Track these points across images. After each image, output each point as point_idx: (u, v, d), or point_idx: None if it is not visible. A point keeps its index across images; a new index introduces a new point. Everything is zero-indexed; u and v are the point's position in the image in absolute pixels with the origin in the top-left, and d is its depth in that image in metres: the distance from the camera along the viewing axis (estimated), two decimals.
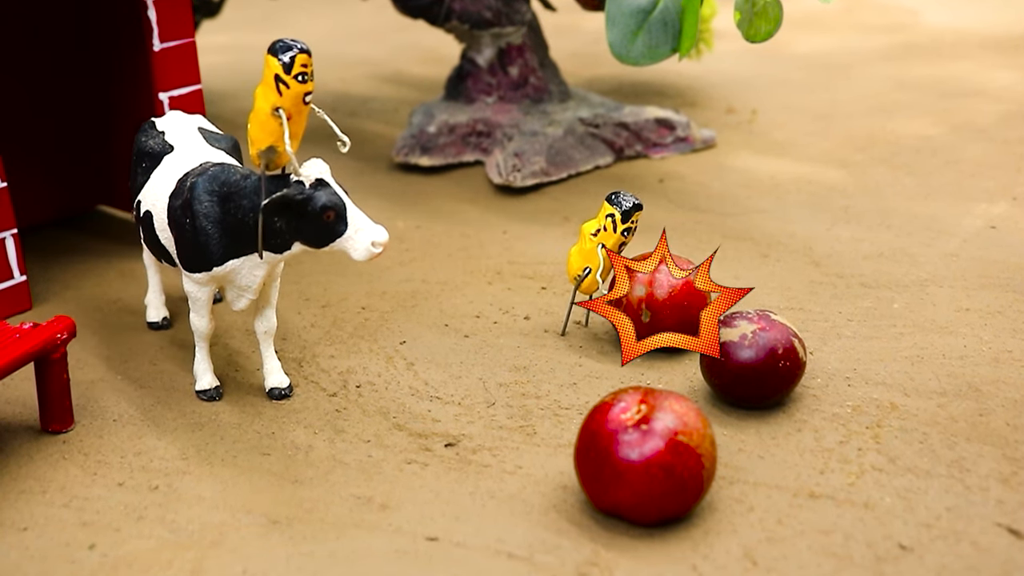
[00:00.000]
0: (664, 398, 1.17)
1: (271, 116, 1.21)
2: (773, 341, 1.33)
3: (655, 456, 1.12)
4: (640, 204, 1.49)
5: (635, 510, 1.15)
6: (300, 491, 1.26)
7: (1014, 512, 1.16)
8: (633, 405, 1.17)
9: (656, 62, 1.87)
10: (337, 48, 3.18)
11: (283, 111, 1.21)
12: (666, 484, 1.13)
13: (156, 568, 1.14)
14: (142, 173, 1.47)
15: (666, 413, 1.15)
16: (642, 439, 1.13)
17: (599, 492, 1.16)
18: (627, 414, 1.16)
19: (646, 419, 1.15)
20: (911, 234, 1.82)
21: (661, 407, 1.16)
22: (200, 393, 1.44)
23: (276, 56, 1.20)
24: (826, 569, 1.10)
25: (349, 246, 1.26)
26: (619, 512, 1.16)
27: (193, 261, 1.35)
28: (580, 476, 1.18)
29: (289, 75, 1.20)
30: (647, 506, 1.14)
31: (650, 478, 1.12)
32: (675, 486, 1.13)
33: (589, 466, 1.16)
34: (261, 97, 1.22)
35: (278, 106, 1.21)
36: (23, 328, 1.35)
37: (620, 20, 1.84)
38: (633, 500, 1.14)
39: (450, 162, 2.17)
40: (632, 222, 1.49)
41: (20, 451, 1.35)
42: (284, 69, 1.20)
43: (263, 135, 1.23)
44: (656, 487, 1.13)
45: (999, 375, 1.41)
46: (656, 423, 1.14)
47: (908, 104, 2.46)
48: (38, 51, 1.88)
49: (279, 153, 1.24)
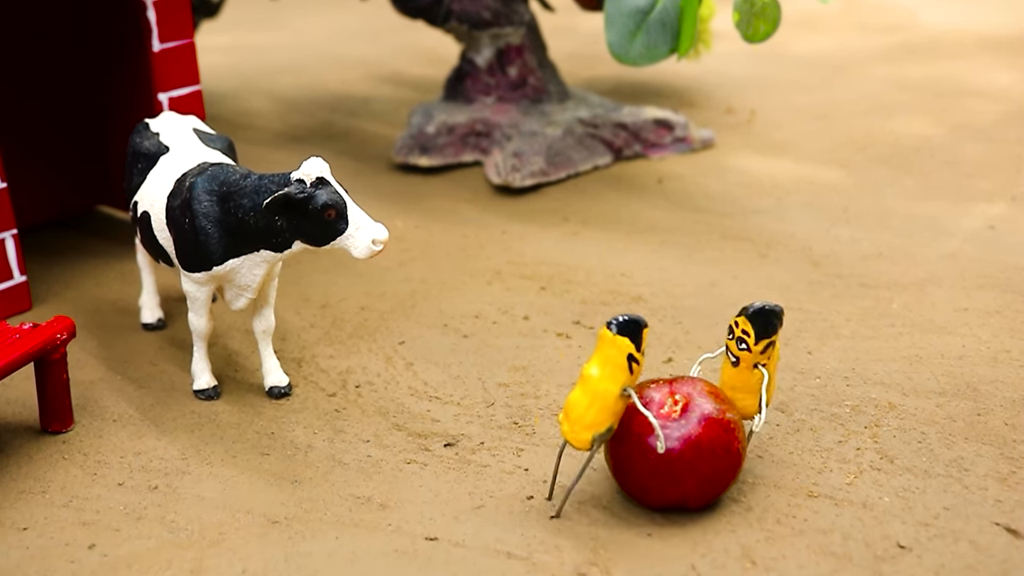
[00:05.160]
0: (687, 384, 1.18)
1: (620, 398, 1.12)
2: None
3: (715, 438, 1.14)
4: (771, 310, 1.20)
5: (702, 495, 1.16)
6: (299, 491, 1.26)
7: (1012, 511, 1.16)
8: (666, 399, 1.17)
9: (655, 62, 1.87)
10: (337, 48, 3.18)
11: (632, 390, 1.12)
12: (727, 461, 1.15)
13: (156, 568, 1.14)
14: (138, 174, 1.47)
15: (701, 396, 1.17)
16: (698, 426, 1.14)
17: (661, 488, 1.15)
18: (664, 408, 1.16)
19: (686, 408, 1.16)
20: (910, 234, 1.82)
21: (693, 393, 1.17)
22: (198, 392, 1.44)
23: (626, 335, 1.10)
24: (825, 568, 1.10)
25: (350, 244, 1.26)
26: (684, 503, 1.17)
27: (192, 261, 1.35)
28: (634, 480, 1.16)
29: (640, 351, 1.12)
30: (712, 488, 1.16)
31: (715, 459, 1.14)
32: (733, 461, 1.16)
33: (646, 466, 1.15)
34: (605, 379, 1.11)
35: (627, 386, 1.12)
36: (23, 328, 1.35)
37: (619, 20, 1.84)
38: (700, 486, 1.15)
39: (449, 162, 2.17)
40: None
41: (20, 451, 1.35)
42: (636, 347, 1.11)
43: (605, 417, 1.12)
44: (720, 466, 1.15)
45: (997, 375, 1.42)
46: (697, 408, 1.16)
47: (907, 104, 2.46)
48: (38, 52, 1.88)
49: (613, 432, 1.15)
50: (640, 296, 1.66)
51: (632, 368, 1.12)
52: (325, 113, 2.58)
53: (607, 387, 1.11)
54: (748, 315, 1.19)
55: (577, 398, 1.13)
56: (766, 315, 1.18)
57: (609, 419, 1.12)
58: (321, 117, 2.56)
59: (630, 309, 1.62)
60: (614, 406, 1.12)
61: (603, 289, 1.69)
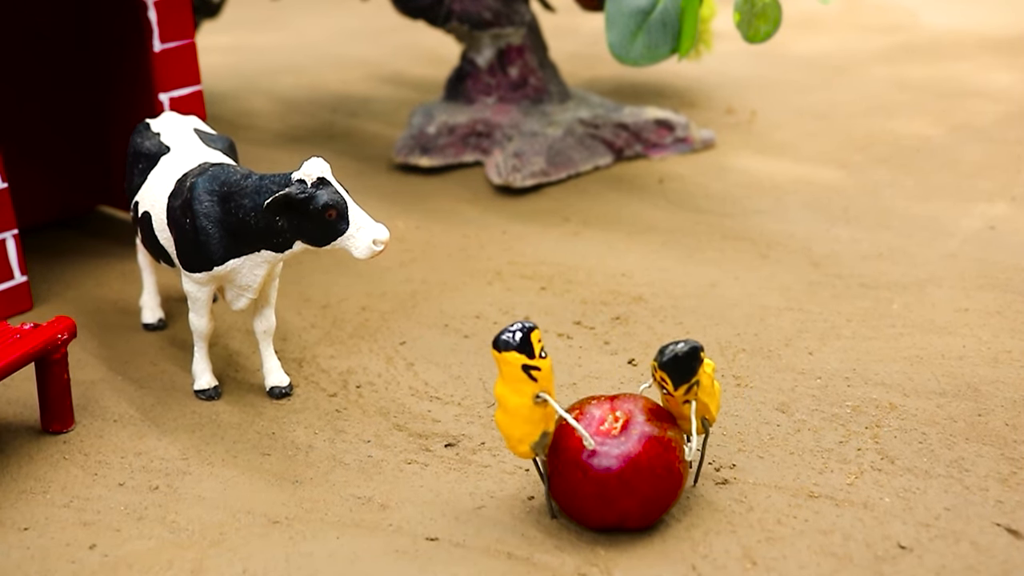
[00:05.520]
0: (629, 401, 1.17)
1: (535, 405, 1.11)
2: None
3: (655, 456, 1.12)
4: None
5: (643, 515, 1.14)
6: (300, 491, 1.26)
7: (1013, 512, 1.16)
8: (607, 415, 1.15)
9: (655, 63, 1.87)
10: (337, 49, 3.18)
11: (544, 394, 1.11)
12: (668, 480, 1.13)
13: (156, 568, 1.14)
14: (139, 174, 1.47)
15: (642, 414, 1.15)
16: (638, 444, 1.12)
17: (600, 508, 1.13)
18: (604, 424, 1.14)
19: (626, 425, 1.14)
20: (910, 234, 1.82)
21: (634, 410, 1.15)
22: (199, 392, 1.44)
23: (512, 349, 1.10)
24: (825, 569, 1.10)
25: (350, 244, 1.26)
26: (624, 523, 1.14)
27: (193, 261, 1.35)
28: (573, 502, 1.14)
29: (535, 358, 1.10)
30: (653, 507, 1.14)
31: (655, 478, 1.12)
32: (674, 480, 1.14)
33: (584, 487, 1.13)
34: (512, 394, 1.11)
35: (538, 392, 1.11)
36: (24, 329, 1.35)
37: (620, 21, 1.84)
38: (641, 505, 1.13)
39: (450, 163, 2.17)
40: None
41: (21, 451, 1.35)
42: (528, 355, 1.10)
43: (530, 427, 1.12)
44: (660, 485, 1.13)
45: (998, 375, 1.42)
46: (637, 426, 1.14)
47: (907, 105, 2.46)
48: (39, 52, 1.88)
49: (551, 435, 1.14)
50: (640, 296, 1.66)
51: (533, 375, 1.10)
52: (326, 113, 2.58)
53: (516, 400, 1.11)
54: (661, 364, 1.14)
55: (500, 418, 1.13)
56: (679, 361, 1.14)
57: (535, 427, 1.12)
58: (322, 117, 2.56)
59: (631, 309, 1.62)
60: (532, 415, 1.12)
61: (604, 289, 1.69)
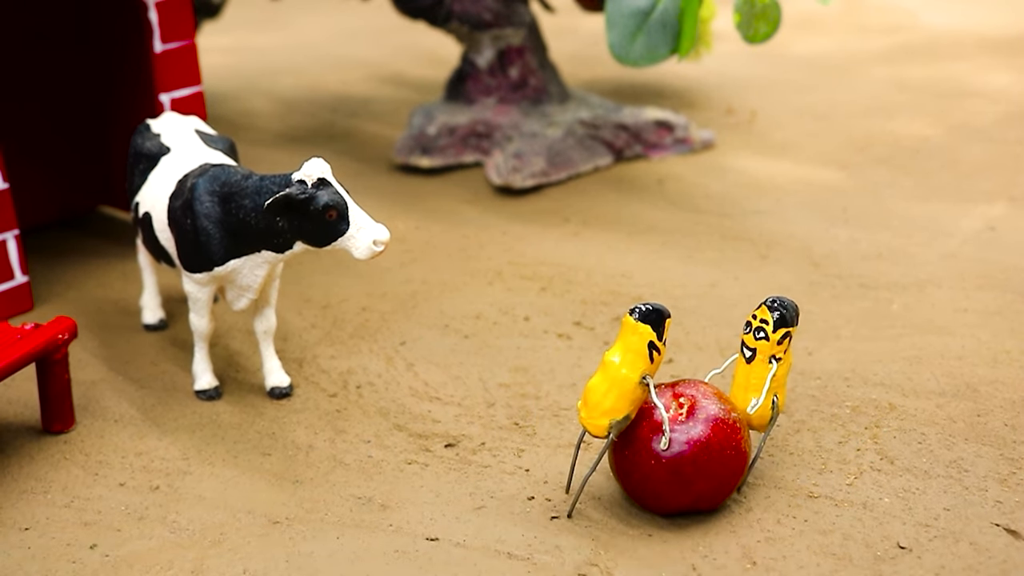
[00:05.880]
0: (690, 387, 1.18)
1: (639, 385, 1.12)
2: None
3: (723, 438, 1.14)
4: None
5: (714, 496, 1.16)
6: (300, 491, 1.26)
7: (1012, 512, 1.17)
8: (671, 402, 1.17)
9: (655, 63, 1.88)
10: (337, 49, 3.18)
11: (650, 378, 1.12)
12: (736, 460, 1.15)
13: (157, 568, 1.14)
14: (139, 175, 1.48)
15: (706, 398, 1.16)
16: (706, 427, 1.14)
17: (676, 493, 1.15)
18: (670, 411, 1.16)
19: (691, 410, 1.16)
20: (909, 235, 1.82)
21: (697, 395, 1.17)
22: (199, 393, 1.44)
23: (649, 322, 1.11)
24: (825, 569, 1.10)
25: (351, 245, 1.27)
26: (697, 505, 1.16)
27: (194, 261, 1.35)
28: (647, 487, 1.15)
29: (661, 341, 1.13)
30: (724, 488, 1.16)
31: (724, 459, 1.14)
32: (741, 460, 1.16)
33: (658, 472, 1.14)
34: (625, 365, 1.11)
35: (647, 374, 1.12)
36: (25, 329, 1.35)
37: (620, 21, 1.85)
38: (712, 487, 1.15)
39: (450, 163, 2.17)
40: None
41: (22, 451, 1.35)
42: (658, 335, 1.12)
43: (623, 404, 1.12)
44: (730, 465, 1.15)
45: (997, 375, 1.42)
46: (703, 410, 1.16)
47: (907, 105, 2.46)
48: (39, 53, 1.88)
49: (630, 421, 1.15)
50: (640, 296, 1.66)
51: (653, 357, 1.12)
52: (326, 114, 2.59)
53: (627, 374, 1.12)
54: (768, 304, 1.18)
55: (596, 383, 1.13)
56: (785, 306, 1.18)
57: (627, 407, 1.12)
58: (322, 118, 2.56)
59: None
60: (632, 393, 1.12)
61: (604, 290, 1.69)
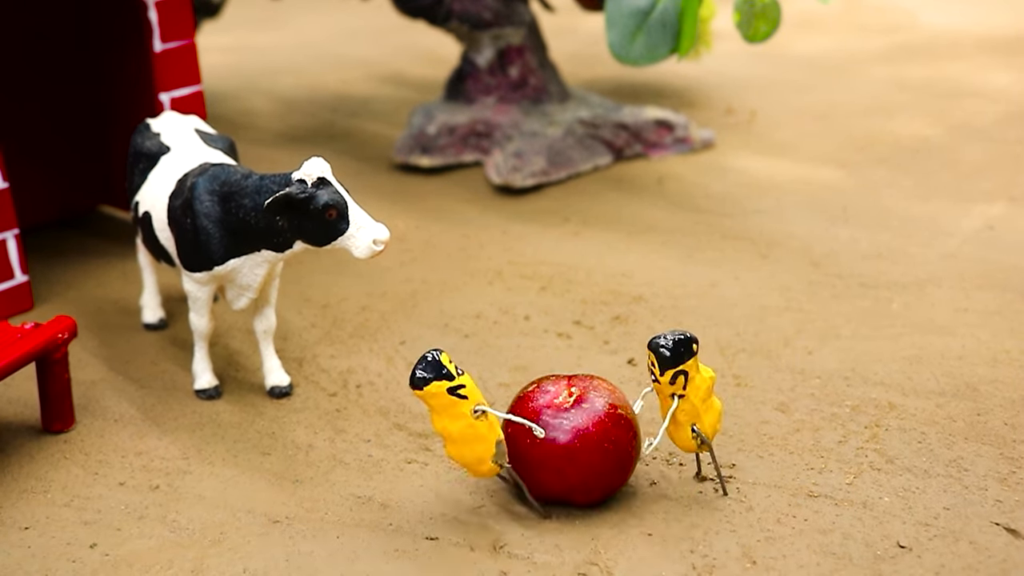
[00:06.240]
0: (586, 380, 1.21)
1: (477, 420, 1.13)
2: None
3: (604, 432, 1.16)
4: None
5: (590, 489, 1.17)
6: (300, 490, 1.26)
7: (1012, 511, 1.17)
8: (561, 390, 1.19)
9: (655, 63, 1.88)
10: (337, 48, 3.18)
11: (480, 406, 1.13)
12: (615, 457, 1.16)
13: (157, 567, 1.14)
14: (139, 174, 1.47)
15: (596, 392, 1.19)
16: (589, 418, 1.16)
17: (551, 481, 1.17)
18: (559, 398, 1.18)
19: (579, 400, 1.18)
20: (909, 234, 1.82)
21: (588, 388, 1.20)
22: (199, 392, 1.44)
23: (431, 382, 1.11)
24: (825, 568, 1.10)
25: (351, 244, 1.27)
26: (573, 496, 1.18)
27: (194, 260, 1.35)
28: (526, 470, 1.18)
29: (455, 378, 1.12)
30: (602, 483, 1.17)
31: (604, 453, 1.16)
32: (623, 459, 1.17)
33: (534, 454, 1.16)
34: (452, 421, 1.13)
35: (474, 406, 1.12)
36: (25, 328, 1.35)
37: (619, 21, 1.85)
38: (586, 480, 1.16)
39: (450, 163, 2.17)
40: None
41: (22, 451, 1.35)
42: (448, 379, 1.11)
43: (483, 443, 1.13)
44: (608, 460, 1.16)
45: (997, 375, 1.42)
46: (590, 403, 1.18)
47: (906, 105, 2.46)
48: (39, 52, 1.88)
49: (503, 441, 1.16)
50: (640, 296, 1.66)
51: (461, 394, 1.12)
52: (326, 113, 2.59)
53: (458, 425, 1.13)
54: (649, 344, 1.16)
55: (452, 452, 1.15)
56: (668, 346, 1.15)
57: (487, 442, 1.13)
58: (322, 117, 2.56)
59: (630, 309, 1.62)
60: (479, 431, 1.13)
61: (604, 289, 1.69)
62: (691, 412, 1.18)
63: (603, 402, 1.18)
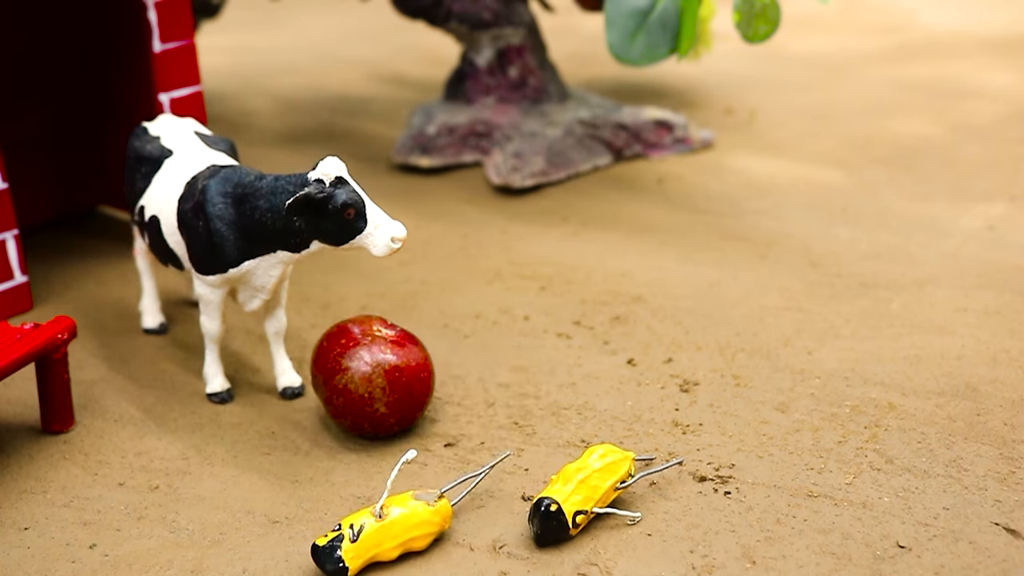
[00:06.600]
0: (379, 321, 1.36)
1: (379, 520, 1.12)
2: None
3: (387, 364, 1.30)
4: None
5: (395, 422, 1.32)
6: (300, 491, 1.26)
7: (1012, 511, 1.17)
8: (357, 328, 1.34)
9: (655, 63, 1.88)
10: (337, 49, 3.18)
11: (370, 515, 1.13)
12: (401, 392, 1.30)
13: (157, 567, 1.14)
14: (142, 178, 1.46)
15: (384, 332, 1.34)
16: (373, 348, 1.31)
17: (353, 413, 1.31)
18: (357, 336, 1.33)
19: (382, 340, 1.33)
20: (909, 234, 1.83)
21: (379, 330, 1.34)
22: (211, 396, 1.44)
23: (330, 568, 1.10)
24: (824, 568, 1.10)
25: (369, 242, 1.26)
26: (376, 428, 1.32)
27: (207, 264, 1.34)
28: (331, 409, 1.32)
29: (340, 543, 1.11)
30: (404, 414, 1.31)
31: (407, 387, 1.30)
32: (408, 394, 1.31)
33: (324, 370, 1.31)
34: (374, 550, 1.12)
35: (372, 511, 1.13)
36: (24, 329, 1.35)
37: (619, 21, 1.85)
38: (393, 411, 1.30)
39: (449, 163, 2.17)
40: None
41: (21, 451, 1.35)
42: (329, 562, 1.10)
43: (429, 526, 1.14)
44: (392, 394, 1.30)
45: (997, 375, 1.42)
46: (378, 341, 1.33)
47: (906, 104, 2.46)
48: (39, 52, 1.89)
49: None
50: (640, 296, 1.66)
51: (352, 539, 1.11)
52: (325, 113, 2.59)
53: (387, 544, 1.13)
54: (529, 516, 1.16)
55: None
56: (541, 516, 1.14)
57: (427, 524, 1.14)
58: (321, 117, 2.56)
59: (630, 309, 1.62)
60: (416, 525, 1.13)
61: (603, 289, 1.69)
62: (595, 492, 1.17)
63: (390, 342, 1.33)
